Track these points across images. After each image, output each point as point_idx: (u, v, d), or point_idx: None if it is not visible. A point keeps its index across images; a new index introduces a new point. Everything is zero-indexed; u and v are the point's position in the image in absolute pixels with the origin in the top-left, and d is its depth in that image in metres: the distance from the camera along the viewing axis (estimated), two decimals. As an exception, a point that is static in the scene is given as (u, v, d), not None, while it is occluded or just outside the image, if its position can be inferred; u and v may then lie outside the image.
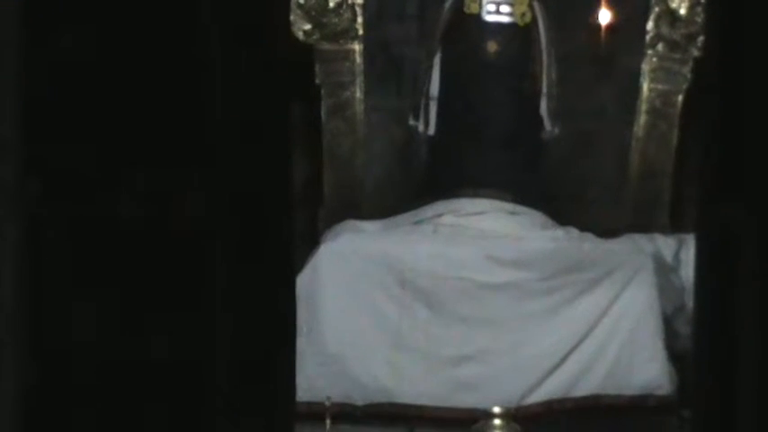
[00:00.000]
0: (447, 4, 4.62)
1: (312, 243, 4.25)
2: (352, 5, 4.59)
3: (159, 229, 1.83)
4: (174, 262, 1.85)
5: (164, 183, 1.81)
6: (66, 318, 1.70)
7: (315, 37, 4.58)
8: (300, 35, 4.50)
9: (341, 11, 4.58)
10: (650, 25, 4.53)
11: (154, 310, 1.81)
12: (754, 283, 1.63)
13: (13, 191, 1.53)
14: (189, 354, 1.87)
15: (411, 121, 4.69)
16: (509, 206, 4.43)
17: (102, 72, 1.68)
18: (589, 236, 4.37)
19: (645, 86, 4.57)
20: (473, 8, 4.53)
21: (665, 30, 4.51)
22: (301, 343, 2.55)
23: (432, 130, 4.63)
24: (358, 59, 4.64)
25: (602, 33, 4.71)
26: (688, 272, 3.93)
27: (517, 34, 4.59)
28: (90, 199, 1.73)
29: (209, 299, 1.92)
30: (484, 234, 4.33)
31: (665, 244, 4.24)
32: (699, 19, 4.33)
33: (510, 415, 3.83)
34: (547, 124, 4.60)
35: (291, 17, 4.36)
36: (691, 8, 4.41)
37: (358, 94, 4.67)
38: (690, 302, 3.62)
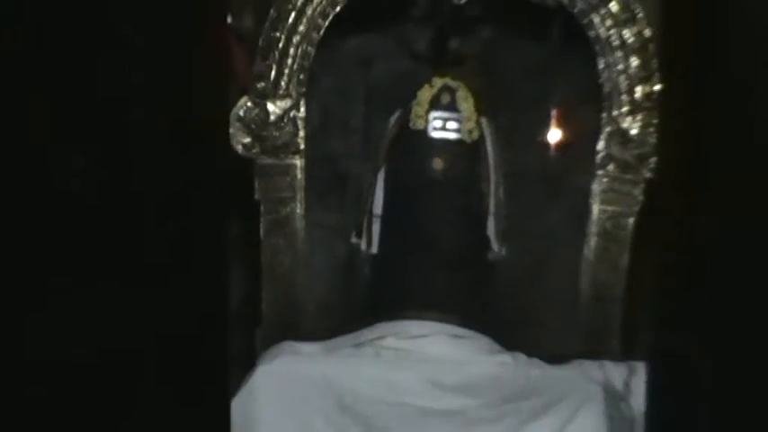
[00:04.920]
0: (393, 119, 4.67)
1: (249, 365, 4.23)
2: (294, 119, 4.59)
3: (91, 350, 1.82)
4: (101, 383, 1.84)
5: (94, 298, 1.80)
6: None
7: (254, 150, 4.58)
8: (239, 149, 4.51)
9: (282, 124, 4.58)
10: (601, 145, 4.56)
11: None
12: (708, 415, 1.63)
13: None
14: None
15: (353, 239, 4.74)
16: (454, 329, 4.42)
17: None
18: (537, 362, 4.35)
19: (595, 208, 4.60)
20: (419, 124, 4.58)
21: (615, 150, 4.55)
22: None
23: (375, 249, 4.68)
24: (299, 174, 4.64)
25: (552, 152, 4.80)
26: (638, 401, 3.93)
27: (464, 151, 4.62)
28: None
29: (138, 423, 1.91)
30: (428, 358, 4.31)
31: (615, 371, 4.23)
32: (651, 140, 4.39)
33: None
34: (494, 245, 4.65)
35: (231, 130, 4.42)
36: (643, 128, 4.46)
37: (299, 210, 4.66)
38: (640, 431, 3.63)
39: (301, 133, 4.60)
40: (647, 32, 4.42)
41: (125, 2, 1.80)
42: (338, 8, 4.56)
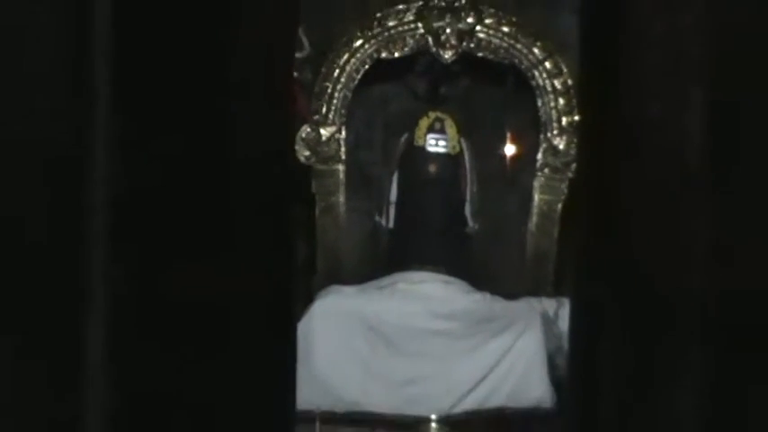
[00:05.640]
0: (402, 139, 4.66)
1: (309, 301, 4.23)
2: (338, 139, 4.59)
3: (203, 289, 1.82)
4: (220, 322, 1.83)
5: (208, 267, 1.80)
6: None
7: (312, 160, 4.58)
8: (302, 159, 4.50)
9: (330, 143, 4.59)
10: (540, 156, 4.55)
11: (204, 356, 1.78)
12: (609, 334, 1.64)
13: (102, 275, 1.46)
14: (227, 371, 1.84)
15: (377, 218, 4.71)
16: (443, 277, 4.41)
17: (169, 198, 1.67)
18: (498, 298, 4.35)
19: (536, 197, 4.57)
20: (420, 141, 4.57)
21: (549, 159, 4.54)
22: (300, 369, 2.53)
23: (391, 225, 4.65)
24: (341, 176, 4.63)
25: (508, 160, 4.78)
26: (564, 324, 3.92)
27: (450, 160, 4.61)
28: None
29: (239, 343, 1.91)
30: (426, 296, 4.31)
31: (549, 304, 4.23)
32: (572, 152, 4.35)
33: (442, 420, 3.85)
34: (469, 222, 4.63)
35: (296, 147, 4.39)
36: (567, 144, 4.44)
37: (341, 200, 4.65)
38: (565, 344, 3.61)
39: (342, 149, 4.61)
40: (570, 82, 4.43)
41: (233, 70, 1.80)
42: (366, 67, 4.58)
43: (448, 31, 4.52)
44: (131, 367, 1.53)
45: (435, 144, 4.58)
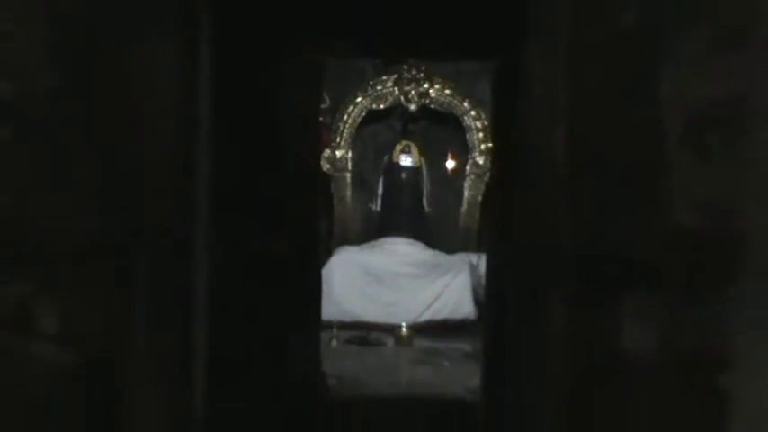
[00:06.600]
0: (385, 158, 4.70)
1: (328, 255, 4.22)
2: (346, 158, 4.59)
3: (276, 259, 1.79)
4: (277, 267, 1.83)
5: (270, 233, 1.80)
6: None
7: (331, 170, 4.57)
8: (325, 170, 4.49)
9: (341, 160, 4.58)
10: (468, 168, 4.58)
11: (268, 286, 1.77)
12: (509, 276, 1.67)
13: (203, 249, 1.44)
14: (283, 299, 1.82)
15: (370, 205, 4.72)
16: (410, 241, 4.44)
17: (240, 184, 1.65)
18: (442, 254, 4.38)
19: (465, 193, 4.60)
20: (396, 159, 4.63)
21: (474, 169, 4.57)
22: (323, 296, 2.55)
23: (379, 209, 4.67)
24: (348, 180, 4.63)
25: (449, 171, 4.78)
26: (483, 269, 3.94)
27: (414, 170, 4.64)
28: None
29: (289, 280, 1.91)
30: (400, 252, 4.32)
31: (474, 257, 4.24)
32: (488, 165, 4.34)
33: (410, 326, 3.87)
34: (426, 207, 4.67)
35: (321, 162, 4.33)
36: (485, 161, 4.46)
37: (348, 194, 4.64)
38: (483, 281, 3.65)
39: (349, 164, 4.61)
40: (486, 123, 4.44)
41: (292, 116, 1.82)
42: (363, 114, 4.59)
43: (413, 92, 4.57)
44: (224, 297, 1.55)
45: (405, 160, 4.62)
